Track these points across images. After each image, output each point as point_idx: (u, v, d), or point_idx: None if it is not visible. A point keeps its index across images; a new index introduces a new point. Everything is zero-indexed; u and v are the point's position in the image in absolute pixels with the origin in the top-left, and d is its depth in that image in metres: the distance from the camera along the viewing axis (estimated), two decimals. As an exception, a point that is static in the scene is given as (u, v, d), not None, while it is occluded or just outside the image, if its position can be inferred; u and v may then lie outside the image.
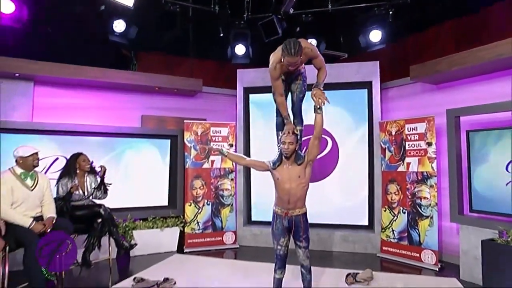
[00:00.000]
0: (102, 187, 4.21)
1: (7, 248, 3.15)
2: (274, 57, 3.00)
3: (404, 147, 4.79)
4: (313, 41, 5.38)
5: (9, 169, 3.37)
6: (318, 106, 2.93)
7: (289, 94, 3.31)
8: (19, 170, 3.38)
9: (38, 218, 3.41)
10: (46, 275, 3.47)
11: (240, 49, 5.52)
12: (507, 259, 3.23)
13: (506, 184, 3.63)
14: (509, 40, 3.60)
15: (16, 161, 3.39)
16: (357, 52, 5.75)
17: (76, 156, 4.14)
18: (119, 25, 4.83)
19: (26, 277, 3.18)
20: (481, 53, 3.83)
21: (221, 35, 5.61)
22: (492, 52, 3.73)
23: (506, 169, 3.62)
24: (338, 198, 5.44)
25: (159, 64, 6.42)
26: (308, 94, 3.17)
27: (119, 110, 5.49)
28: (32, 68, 4.60)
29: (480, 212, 3.89)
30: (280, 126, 3.21)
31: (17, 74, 4.57)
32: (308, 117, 3.21)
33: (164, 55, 6.41)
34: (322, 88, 3.03)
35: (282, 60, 2.89)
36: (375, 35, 5.14)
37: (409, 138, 4.74)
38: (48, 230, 3.35)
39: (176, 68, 6.39)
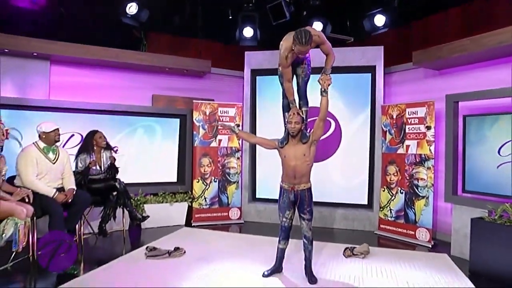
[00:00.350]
0: (113, 171, 4.47)
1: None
2: (284, 46, 3.17)
3: (404, 130, 4.98)
4: (320, 25, 5.49)
5: (33, 143, 3.63)
6: (323, 89, 3.13)
7: (294, 77, 3.51)
8: (42, 144, 3.64)
9: (59, 190, 3.70)
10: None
11: (248, 32, 5.65)
12: (493, 235, 3.48)
13: (498, 167, 3.84)
14: (509, 28, 3.73)
15: (39, 136, 3.64)
16: (364, 36, 5.86)
17: (92, 134, 4.39)
18: (131, 8, 4.97)
19: (51, 241, 3.48)
20: (482, 40, 3.96)
21: (230, 18, 5.73)
22: (493, 40, 3.86)
23: (499, 152, 3.82)
24: (340, 178, 5.68)
25: (168, 45, 6.56)
26: (313, 77, 3.37)
27: (131, 89, 5.70)
28: (49, 48, 4.80)
29: (472, 192, 4.12)
30: (286, 108, 3.42)
31: (34, 54, 4.77)
32: (315, 100, 3.41)
33: (173, 36, 6.55)
34: (329, 74, 3.21)
35: (293, 48, 3.07)
36: (380, 19, 5.25)
37: (409, 121, 4.92)
38: (69, 201, 3.65)
39: (185, 49, 6.53)
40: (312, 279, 3.31)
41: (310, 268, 3.37)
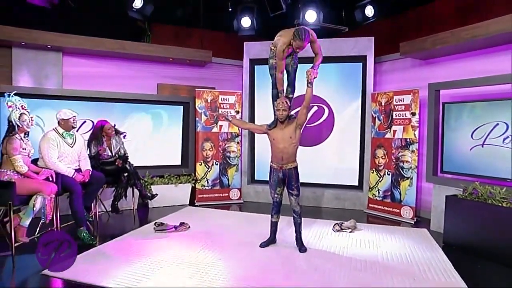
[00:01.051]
0: (123, 158, 4.90)
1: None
2: (282, 40, 3.58)
3: (392, 116, 5.36)
4: (314, 14, 5.80)
5: (53, 129, 4.04)
6: (309, 81, 3.52)
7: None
8: (61, 130, 4.05)
9: (77, 170, 4.13)
10: (86, 216, 4.24)
11: (246, 22, 5.99)
12: (464, 211, 3.90)
13: (471, 149, 4.24)
14: (484, 22, 4.07)
15: (58, 122, 4.05)
16: (356, 26, 6.18)
17: (101, 126, 4.78)
18: (137, 2, 5.29)
19: (72, 216, 3.94)
20: (460, 33, 4.30)
21: (230, 10, 6.05)
22: (470, 33, 4.21)
23: (472, 136, 4.22)
24: (332, 161, 6.09)
25: (172, 35, 6.90)
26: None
27: (138, 79, 6.08)
28: (61, 41, 5.16)
29: (449, 173, 4.53)
30: (275, 97, 3.81)
31: (49, 46, 5.14)
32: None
33: (176, 27, 6.88)
34: (316, 69, 3.61)
35: (292, 43, 3.52)
36: (370, 10, 5.57)
37: (396, 108, 5.30)
38: (87, 180, 4.09)
39: (187, 39, 6.88)
40: (302, 248, 3.76)
41: (300, 239, 3.82)
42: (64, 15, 5.52)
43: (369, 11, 5.55)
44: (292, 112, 3.77)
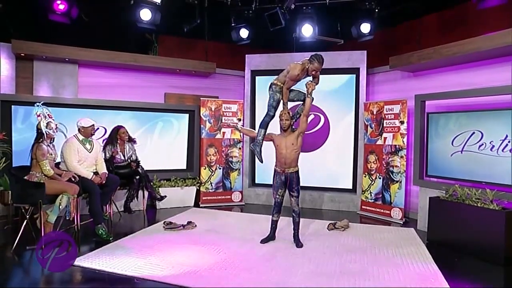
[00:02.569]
0: (136, 162, 5.33)
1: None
2: (299, 67, 3.97)
3: (383, 124, 5.79)
4: (310, 29, 6.26)
5: (73, 135, 4.46)
6: (309, 92, 3.97)
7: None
8: (80, 137, 4.48)
9: (94, 173, 4.55)
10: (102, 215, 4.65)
11: (244, 33, 6.53)
12: (445, 211, 4.32)
13: (451, 155, 4.67)
14: (460, 42, 4.53)
15: (79, 130, 4.47)
16: (353, 39, 6.63)
17: (117, 129, 5.22)
18: (146, 14, 5.66)
19: (91, 214, 4.35)
20: (442, 50, 4.76)
21: (233, 24, 6.51)
22: (450, 51, 4.66)
23: (452, 143, 4.65)
24: (328, 166, 6.51)
25: (177, 47, 7.36)
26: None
27: (147, 88, 6.51)
28: (78, 54, 5.60)
29: (433, 176, 4.96)
30: (264, 125, 4.18)
31: (66, 59, 5.58)
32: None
33: (182, 39, 7.33)
34: (315, 83, 4.06)
35: (308, 66, 3.95)
36: (365, 27, 6.03)
37: (386, 117, 5.73)
38: (103, 182, 4.51)
39: (193, 50, 7.33)
40: (299, 244, 4.17)
41: (297, 235, 4.23)
42: (77, 29, 5.95)
43: (365, 28, 6.01)
44: (293, 126, 4.18)
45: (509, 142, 4.09)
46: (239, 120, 6.60)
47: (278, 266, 3.58)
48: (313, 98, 4.05)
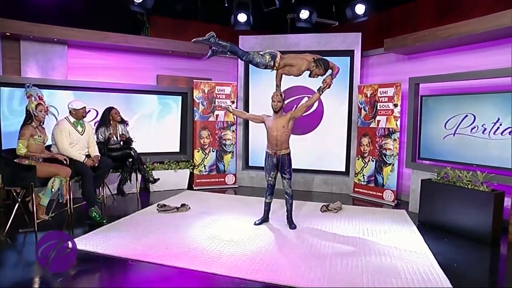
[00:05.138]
0: (128, 143, 5.27)
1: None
2: (305, 65, 3.93)
3: (376, 107, 5.79)
4: (306, 12, 6.17)
5: (65, 118, 4.39)
6: (322, 88, 3.98)
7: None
8: (72, 119, 4.40)
9: (87, 156, 4.50)
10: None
11: (242, 17, 6.34)
12: (437, 193, 4.38)
13: (444, 138, 4.71)
14: (456, 24, 4.50)
15: (70, 112, 4.40)
16: (347, 21, 6.55)
17: (109, 110, 5.15)
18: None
19: (83, 196, 4.33)
20: (437, 33, 4.73)
21: (226, 5, 6.37)
22: (445, 33, 4.63)
23: (445, 126, 4.68)
24: (321, 148, 6.53)
25: (170, 28, 7.19)
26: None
27: (138, 70, 6.40)
28: (67, 34, 5.44)
29: (426, 159, 5.01)
30: (246, 54, 3.95)
31: (55, 39, 5.43)
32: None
33: (174, 19, 7.16)
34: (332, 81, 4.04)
35: (312, 69, 3.94)
36: (360, 8, 5.94)
37: (380, 100, 5.73)
38: (96, 165, 4.47)
39: (185, 31, 7.16)
40: (292, 225, 4.22)
41: (290, 217, 4.27)
42: (66, 9, 5.78)
43: (360, 9, 5.91)
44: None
45: (500, 125, 4.13)
46: (233, 102, 6.55)
47: (271, 247, 3.62)
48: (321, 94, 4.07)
